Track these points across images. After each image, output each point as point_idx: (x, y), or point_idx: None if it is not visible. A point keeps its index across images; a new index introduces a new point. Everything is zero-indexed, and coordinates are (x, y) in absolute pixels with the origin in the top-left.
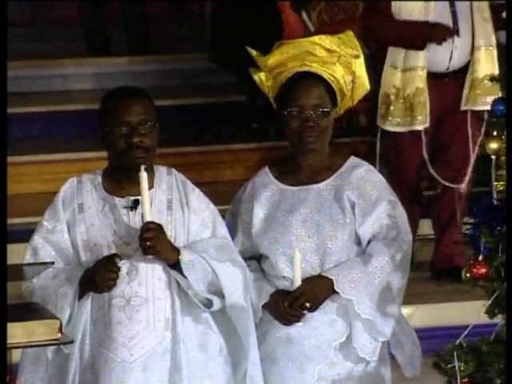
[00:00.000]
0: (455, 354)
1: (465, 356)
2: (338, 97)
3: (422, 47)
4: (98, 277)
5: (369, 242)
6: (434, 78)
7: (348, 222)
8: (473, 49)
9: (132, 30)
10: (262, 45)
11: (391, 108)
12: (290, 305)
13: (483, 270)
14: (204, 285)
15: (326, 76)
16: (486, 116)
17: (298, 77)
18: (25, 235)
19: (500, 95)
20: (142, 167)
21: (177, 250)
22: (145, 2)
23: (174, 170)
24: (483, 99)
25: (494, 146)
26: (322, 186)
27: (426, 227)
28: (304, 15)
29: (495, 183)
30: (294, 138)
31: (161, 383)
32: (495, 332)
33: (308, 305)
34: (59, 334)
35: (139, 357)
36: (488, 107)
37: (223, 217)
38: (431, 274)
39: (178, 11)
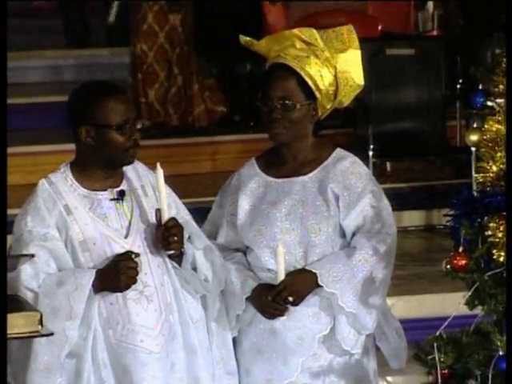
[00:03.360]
0: (435, 345)
1: (445, 347)
2: (315, 91)
3: None
4: (123, 275)
5: (353, 234)
6: None
7: (332, 215)
8: None
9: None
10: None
11: None
12: (273, 299)
13: (463, 262)
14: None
15: (297, 69)
16: None
17: (273, 68)
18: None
19: (480, 87)
20: (158, 164)
21: None
22: None
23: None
24: None
25: (474, 137)
26: (307, 179)
27: (407, 219)
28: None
29: (475, 175)
30: (266, 130)
31: (178, 366)
32: (475, 323)
33: (291, 299)
34: (39, 326)
35: (162, 345)
36: None
37: (202, 209)
38: None
39: None
